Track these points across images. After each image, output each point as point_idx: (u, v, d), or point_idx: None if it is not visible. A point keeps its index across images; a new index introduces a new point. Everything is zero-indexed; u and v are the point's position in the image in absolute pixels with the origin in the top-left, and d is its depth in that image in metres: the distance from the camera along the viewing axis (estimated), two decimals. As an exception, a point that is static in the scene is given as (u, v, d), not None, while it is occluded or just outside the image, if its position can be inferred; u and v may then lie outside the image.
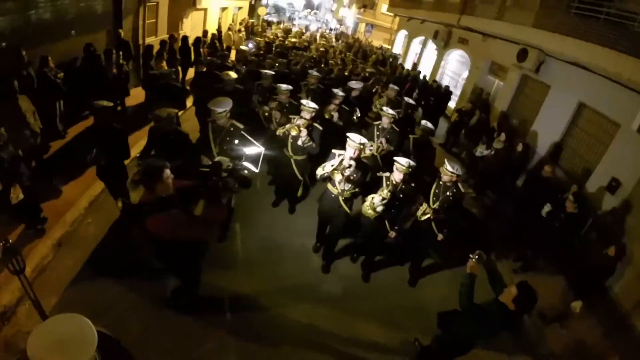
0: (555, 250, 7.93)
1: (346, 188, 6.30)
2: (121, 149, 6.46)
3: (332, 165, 6.03)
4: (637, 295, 7.43)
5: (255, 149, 6.11)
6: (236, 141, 6.39)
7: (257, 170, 5.87)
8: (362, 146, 6.09)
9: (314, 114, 7.30)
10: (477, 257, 4.63)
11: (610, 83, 9.08)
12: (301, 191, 8.52)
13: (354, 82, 10.55)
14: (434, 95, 15.25)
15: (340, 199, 6.39)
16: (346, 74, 13.97)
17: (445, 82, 18.55)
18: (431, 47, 22.07)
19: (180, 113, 9.57)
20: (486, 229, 9.11)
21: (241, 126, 6.62)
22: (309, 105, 7.24)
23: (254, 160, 5.95)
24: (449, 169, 6.35)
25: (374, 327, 6.25)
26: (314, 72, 10.69)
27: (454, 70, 20.11)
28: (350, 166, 6.07)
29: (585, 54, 9.56)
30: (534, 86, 12.97)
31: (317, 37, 28.49)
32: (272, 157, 7.90)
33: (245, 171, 4.86)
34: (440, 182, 6.63)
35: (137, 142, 9.19)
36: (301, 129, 7.07)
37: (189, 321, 5.44)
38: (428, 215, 6.62)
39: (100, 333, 2.31)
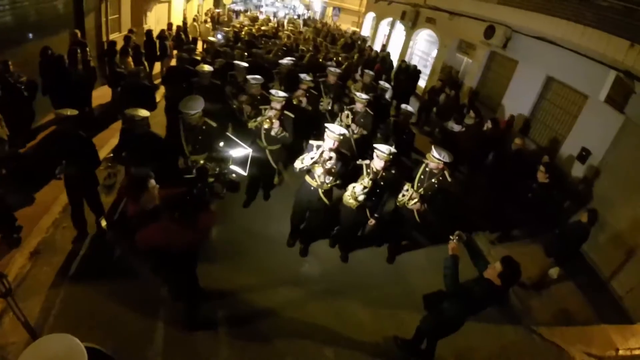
0: (530, 219, 8.14)
1: (327, 181, 6.20)
2: (90, 157, 6.18)
3: (312, 159, 5.90)
4: (611, 258, 7.76)
5: (241, 150, 5.95)
6: (221, 143, 6.23)
7: (245, 173, 5.75)
8: (341, 137, 5.96)
9: (283, 103, 7.15)
10: (457, 238, 4.66)
11: (577, 56, 9.28)
12: (277, 179, 8.48)
13: (332, 68, 10.36)
14: (403, 75, 15.30)
15: (320, 191, 6.30)
16: (320, 60, 13.83)
17: (414, 62, 18.65)
18: (399, 28, 22.05)
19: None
20: (464, 205, 9.20)
21: (214, 124, 6.47)
22: (278, 95, 7.07)
23: (241, 162, 5.81)
24: (435, 156, 6.27)
25: (358, 306, 6.35)
26: (286, 60, 10.63)
27: (423, 49, 20.17)
28: (330, 158, 5.95)
29: (552, 28, 9.78)
30: (502, 62, 13.15)
31: (285, 24, 28.19)
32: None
33: (233, 175, 4.70)
34: (427, 169, 6.56)
35: (107, 143, 9.05)
36: (273, 120, 6.96)
37: (177, 320, 5.39)
38: (416, 200, 6.41)
39: (91, 349, 2.29)
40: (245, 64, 9.37)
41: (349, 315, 6.16)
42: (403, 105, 8.57)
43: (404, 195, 6.49)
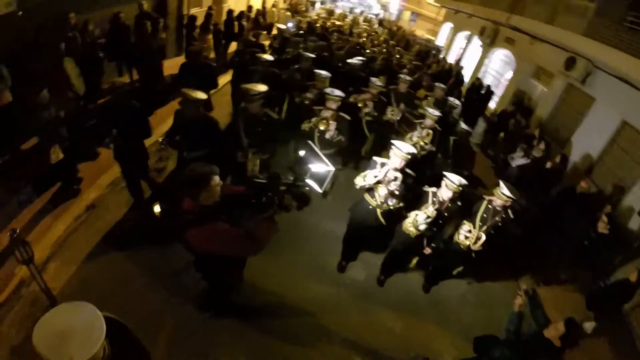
0: (581, 267, 7.88)
1: (390, 203, 5.82)
2: (141, 128, 6.17)
3: (375, 177, 5.57)
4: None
5: (324, 167, 5.67)
6: (302, 152, 5.91)
7: (321, 191, 5.49)
8: (409, 157, 5.58)
9: (339, 103, 6.86)
10: (523, 293, 4.62)
11: (656, 105, 8.80)
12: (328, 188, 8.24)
13: (403, 75, 10.16)
14: (476, 94, 15.04)
15: (379, 211, 5.94)
16: (393, 65, 13.63)
17: (487, 80, 18.17)
18: (476, 43, 21.63)
19: (212, 92, 9.26)
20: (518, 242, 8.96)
21: (275, 116, 6.30)
22: (334, 93, 6.79)
23: (320, 179, 5.51)
24: (506, 194, 5.78)
25: (392, 315, 6.33)
26: (355, 60, 10.59)
27: (497, 69, 19.66)
28: (396, 179, 5.64)
29: (635, 70, 9.34)
30: (578, 96, 12.59)
31: (360, 21, 28.07)
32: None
33: (307, 188, 4.21)
34: (490, 206, 6.07)
35: (169, 117, 9.25)
36: (330, 122, 6.67)
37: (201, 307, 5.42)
38: (482, 241, 5.92)
39: (108, 319, 2.31)
40: (312, 55, 9.39)
41: (381, 325, 6.14)
42: (461, 124, 8.29)
43: (467, 238, 6.05)
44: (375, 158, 5.89)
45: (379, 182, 5.64)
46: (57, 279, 5.26)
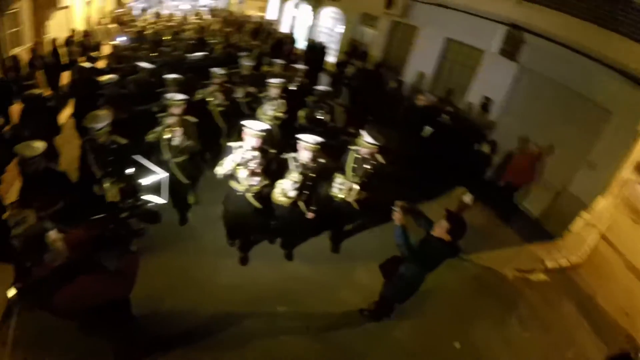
0: (442, 160, 9.03)
1: (255, 183, 5.72)
2: None
3: (233, 161, 5.45)
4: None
5: (153, 176, 5.34)
6: (131, 170, 5.50)
7: (165, 200, 5.17)
8: (263, 133, 5.47)
9: (184, 106, 6.46)
10: (399, 208, 4.82)
11: (471, 17, 10.39)
12: (193, 198, 7.59)
13: (244, 60, 10.25)
14: (311, 53, 15.87)
15: (249, 195, 5.81)
16: (231, 50, 13.74)
17: (322, 39, 18.97)
18: (305, 7, 22.30)
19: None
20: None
21: (124, 141, 5.84)
22: (175, 98, 6.36)
23: (155, 189, 5.17)
24: (368, 141, 5.94)
25: (307, 266, 6.71)
26: (195, 55, 10.62)
27: (329, 27, 20.50)
28: (253, 158, 5.51)
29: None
30: (404, 29, 14.00)
31: (190, 17, 27.55)
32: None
33: (150, 204, 3.92)
34: (357, 155, 6.16)
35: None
36: (174, 129, 6.17)
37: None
38: (356, 191, 6.17)
39: None
40: (150, 65, 8.90)
41: (295, 275, 6.49)
42: (318, 87, 8.63)
43: (340, 190, 6.26)
44: (230, 144, 5.74)
45: (238, 165, 5.53)
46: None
